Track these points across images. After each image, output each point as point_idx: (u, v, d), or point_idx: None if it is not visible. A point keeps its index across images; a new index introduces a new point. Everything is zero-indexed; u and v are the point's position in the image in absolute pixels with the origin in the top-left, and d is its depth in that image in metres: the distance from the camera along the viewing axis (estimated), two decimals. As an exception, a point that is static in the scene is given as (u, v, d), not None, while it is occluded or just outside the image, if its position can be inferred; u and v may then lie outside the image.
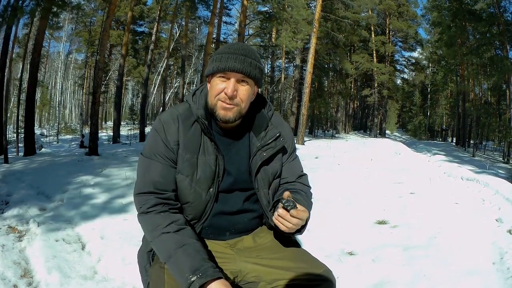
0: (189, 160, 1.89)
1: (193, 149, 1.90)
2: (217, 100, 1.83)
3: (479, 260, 4.20)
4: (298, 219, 1.71)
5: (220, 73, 1.81)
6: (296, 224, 1.71)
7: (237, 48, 1.84)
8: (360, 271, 4.03)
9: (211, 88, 1.86)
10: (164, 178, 1.87)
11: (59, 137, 31.65)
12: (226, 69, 1.77)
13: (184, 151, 1.89)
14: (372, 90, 45.10)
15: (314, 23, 23.18)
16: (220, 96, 1.82)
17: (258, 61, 1.87)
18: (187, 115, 1.95)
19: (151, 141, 1.94)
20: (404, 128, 69.15)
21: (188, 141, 1.90)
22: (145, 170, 1.90)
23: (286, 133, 2.11)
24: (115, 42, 37.29)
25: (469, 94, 34.54)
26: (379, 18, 44.74)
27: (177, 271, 1.64)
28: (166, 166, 1.89)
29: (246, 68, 1.79)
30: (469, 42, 30.54)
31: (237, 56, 1.80)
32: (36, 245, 4.49)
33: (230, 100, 1.81)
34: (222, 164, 1.92)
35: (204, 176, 1.90)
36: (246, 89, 1.85)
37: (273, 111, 2.13)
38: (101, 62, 14.99)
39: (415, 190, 8.19)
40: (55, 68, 53.36)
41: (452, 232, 5.21)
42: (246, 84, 1.84)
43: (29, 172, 9.57)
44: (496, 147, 32.72)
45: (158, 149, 1.90)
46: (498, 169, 15.63)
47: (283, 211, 1.71)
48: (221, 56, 1.81)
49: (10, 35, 14.48)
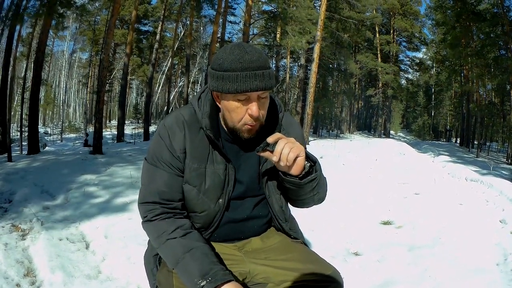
0: (197, 170, 1.82)
1: (201, 158, 1.82)
2: (243, 124, 1.71)
3: (483, 261, 4.19)
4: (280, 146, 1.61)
5: (239, 94, 1.65)
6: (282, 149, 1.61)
7: (250, 60, 1.62)
8: (366, 271, 4.02)
9: (230, 111, 1.71)
10: (170, 188, 1.81)
11: (63, 136, 31.70)
12: (248, 90, 1.60)
13: (191, 160, 1.81)
14: (377, 90, 45.08)
15: (319, 23, 23.14)
16: (246, 119, 1.70)
17: (269, 64, 1.70)
18: (193, 121, 1.85)
19: (156, 147, 1.85)
20: (408, 129, 69.13)
21: (195, 150, 1.82)
22: (150, 179, 1.84)
23: (296, 133, 1.97)
24: (120, 41, 37.35)
25: (473, 94, 34.42)
26: (383, 18, 44.66)
27: (186, 276, 1.62)
28: (172, 175, 1.81)
29: (267, 83, 1.64)
30: (474, 43, 30.46)
31: (256, 73, 1.61)
32: (40, 244, 4.49)
33: (255, 121, 1.70)
34: (232, 173, 1.85)
35: (213, 186, 1.83)
36: (266, 102, 1.74)
37: (283, 113, 2.00)
38: (105, 61, 14.99)
39: (419, 190, 8.17)
40: (59, 67, 53.49)
41: (457, 233, 5.19)
42: (265, 97, 1.72)
43: (32, 170, 9.58)
44: (500, 148, 32.58)
45: (163, 156, 1.82)
46: (502, 170, 15.53)
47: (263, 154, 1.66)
48: (236, 75, 1.60)
49: (14, 34, 14.53)
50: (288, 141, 1.62)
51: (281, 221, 1.98)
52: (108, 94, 43.87)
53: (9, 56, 14.61)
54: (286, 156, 1.60)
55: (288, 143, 1.61)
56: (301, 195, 1.82)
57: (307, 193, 1.80)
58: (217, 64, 1.65)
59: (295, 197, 1.88)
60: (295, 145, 1.62)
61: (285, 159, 1.60)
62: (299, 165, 1.65)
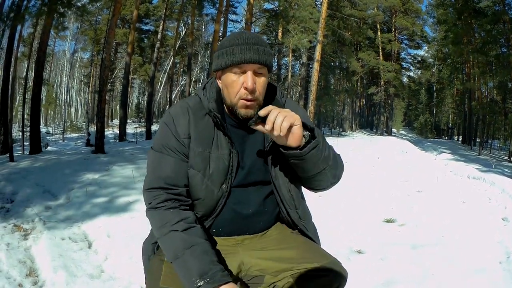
0: (201, 154, 1.80)
1: (206, 142, 1.81)
2: (238, 99, 1.71)
3: (486, 259, 4.19)
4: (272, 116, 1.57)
5: (235, 67, 1.68)
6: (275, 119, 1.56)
7: (247, 37, 1.70)
8: (369, 269, 4.01)
9: (227, 85, 1.74)
10: (175, 173, 1.79)
11: (65, 136, 31.73)
12: (243, 61, 1.64)
13: (196, 144, 1.80)
14: (379, 88, 44.96)
15: (321, 21, 23.13)
16: (241, 93, 1.70)
17: (268, 47, 1.75)
18: (198, 108, 1.86)
19: (161, 135, 1.85)
20: (410, 126, 69.07)
21: (200, 134, 1.81)
22: (155, 165, 1.82)
23: (303, 116, 1.81)
24: (121, 41, 37.38)
25: (475, 92, 34.37)
26: (385, 16, 44.56)
27: (184, 273, 1.58)
28: (177, 160, 1.80)
29: (262, 57, 1.67)
30: (475, 40, 30.42)
31: (251, 46, 1.67)
32: (42, 244, 4.49)
33: (251, 95, 1.69)
34: (236, 158, 1.83)
35: (217, 171, 1.80)
36: (263, 80, 1.73)
37: (286, 97, 2.01)
38: (107, 60, 14.99)
39: (422, 188, 8.18)
40: (61, 67, 53.52)
41: (459, 231, 5.20)
42: (262, 76, 1.72)
43: (34, 170, 9.59)
44: (502, 146, 32.53)
45: (168, 143, 1.81)
46: (504, 168, 15.53)
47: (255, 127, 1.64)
48: (233, 49, 1.67)
49: (15, 34, 14.52)
50: (281, 111, 1.58)
51: (288, 208, 1.91)
52: (110, 93, 43.93)
53: (11, 57, 14.62)
54: (280, 125, 1.55)
55: (281, 112, 1.57)
56: (310, 170, 1.74)
57: (315, 166, 1.73)
58: (219, 46, 1.76)
59: (305, 174, 1.80)
60: (288, 113, 1.58)
61: (279, 128, 1.55)
62: (296, 134, 1.61)
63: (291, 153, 1.65)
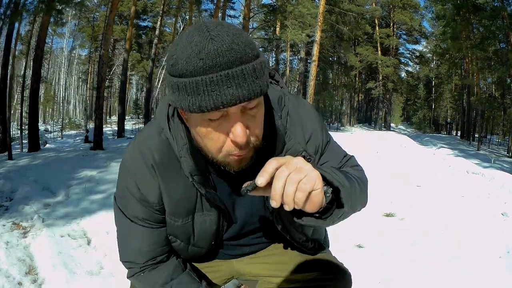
0: (182, 227, 1.43)
1: (186, 211, 1.40)
2: (225, 156, 1.16)
3: (486, 254, 4.18)
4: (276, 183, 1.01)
5: (208, 113, 1.05)
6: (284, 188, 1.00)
7: (216, 52, 0.99)
8: (369, 263, 4.01)
9: (202, 137, 1.14)
10: (152, 246, 1.45)
11: (64, 133, 31.71)
12: (219, 106, 1.01)
13: (172, 217, 1.41)
14: (377, 83, 44.98)
15: (319, 16, 23.11)
16: (228, 148, 1.13)
17: (256, 52, 1.06)
18: (168, 159, 1.34)
19: (123, 197, 1.42)
20: (408, 121, 69.07)
21: (177, 203, 1.38)
22: (124, 233, 1.48)
23: (315, 131, 1.45)
24: (119, 37, 37.37)
25: (474, 88, 34.42)
26: (383, 11, 44.54)
27: None
28: (150, 231, 1.43)
29: (251, 87, 1.02)
30: (474, 36, 30.43)
31: (228, 73, 0.99)
32: (41, 241, 4.48)
33: (244, 148, 1.13)
34: (226, 218, 1.46)
35: (203, 236, 1.47)
36: (259, 114, 1.14)
37: (286, 111, 1.41)
38: (105, 56, 14.99)
39: (421, 183, 8.17)
40: (59, 64, 53.43)
41: (459, 225, 5.19)
42: (255, 107, 1.10)
43: (33, 168, 9.57)
44: (500, 141, 32.64)
45: (135, 212, 1.40)
46: (503, 163, 15.57)
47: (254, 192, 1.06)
48: (197, 82, 1.00)
49: (12, 32, 14.50)
50: (290, 169, 1.02)
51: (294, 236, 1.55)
52: (108, 90, 43.89)
53: (8, 55, 14.61)
54: (292, 198, 1.00)
55: (292, 175, 1.01)
56: (329, 225, 1.21)
57: (335, 222, 1.20)
58: (170, 65, 1.07)
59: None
60: (301, 172, 1.02)
61: (291, 201, 1.00)
62: (315, 202, 1.04)
63: (307, 220, 1.15)
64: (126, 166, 1.38)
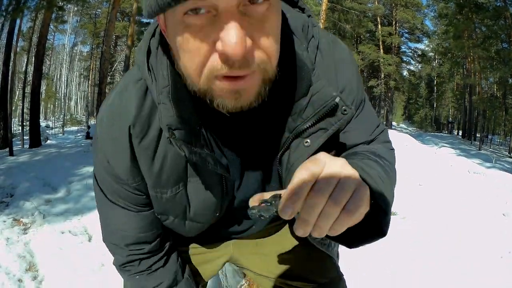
0: (171, 199, 1.10)
1: (175, 177, 1.05)
2: (208, 81, 0.77)
3: (487, 254, 4.17)
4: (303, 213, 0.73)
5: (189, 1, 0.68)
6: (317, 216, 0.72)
7: None
8: (371, 262, 4.00)
9: (183, 50, 0.76)
10: (135, 231, 1.19)
11: (65, 129, 31.68)
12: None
13: (158, 188, 1.08)
14: (379, 81, 44.91)
15: (321, 14, 23.07)
16: (212, 65, 0.74)
17: None
18: (147, 118, 0.99)
19: (97, 171, 1.15)
20: (410, 120, 69.01)
21: (160, 170, 1.04)
22: (104, 215, 1.24)
23: (350, 84, 1.04)
24: (121, 33, 37.29)
25: (476, 87, 34.37)
26: (385, 9, 44.47)
27: None
28: (134, 214, 1.18)
29: None
30: (476, 35, 30.37)
31: None
32: (42, 238, 4.49)
33: (242, 67, 0.73)
34: (231, 181, 1.10)
35: (203, 208, 1.12)
36: (271, 19, 0.75)
37: (315, 44, 1.01)
38: (106, 53, 15.01)
39: (422, 182, 8.16)
40: (60, 60, 53.38)
41: (460, 225, 5.18)
42: (263, 3, 0.72)
43: (34, 164, 9.56)
44: (502, 141, 32.60)
45: (112, 189, 1.13)
46: (504, 163, 15.54)
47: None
48: None
49: (14, 29, 14.48)
50: (329, 186, 0.71)
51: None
52: (109, 86, 43.81)
53: (10, 51, 14.57)
54: (326, 229, 0.73)
55: (330, 204, 0.71)
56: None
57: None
58: None
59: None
60: (346, 193, 0.71)
61: (324, 233, 0.74)
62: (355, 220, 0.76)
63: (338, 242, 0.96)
64: (95, 135, 1.09)
